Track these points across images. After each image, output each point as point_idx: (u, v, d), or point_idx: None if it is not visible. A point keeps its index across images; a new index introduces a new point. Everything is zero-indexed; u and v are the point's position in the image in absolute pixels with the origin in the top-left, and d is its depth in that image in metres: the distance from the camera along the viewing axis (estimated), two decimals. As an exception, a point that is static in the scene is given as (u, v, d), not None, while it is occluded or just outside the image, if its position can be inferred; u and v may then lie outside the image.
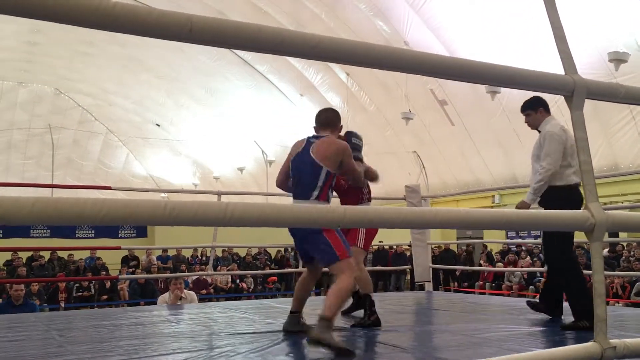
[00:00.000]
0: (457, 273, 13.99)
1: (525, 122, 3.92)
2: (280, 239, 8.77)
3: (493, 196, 16.36)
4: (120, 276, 10.59)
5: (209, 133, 20.45)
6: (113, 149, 22.70)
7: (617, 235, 10.28)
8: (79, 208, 0.95)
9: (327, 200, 3.27)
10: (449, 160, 16.18)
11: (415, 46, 12.58)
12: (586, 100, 1.51)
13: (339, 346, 2.77)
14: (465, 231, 16.49)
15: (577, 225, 1.43)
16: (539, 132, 3.85)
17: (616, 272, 9.83)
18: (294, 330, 3.42)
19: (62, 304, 11.61)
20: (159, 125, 21.18)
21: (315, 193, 3.19)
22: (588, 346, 1.41)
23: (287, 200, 3.38)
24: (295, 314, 3.49)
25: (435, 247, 13.13)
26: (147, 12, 1.09)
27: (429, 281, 6.68)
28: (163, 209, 1.05)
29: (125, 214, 1.01)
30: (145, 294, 11.88)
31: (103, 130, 21.78)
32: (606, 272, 7.29)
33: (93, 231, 18.35)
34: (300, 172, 3.28)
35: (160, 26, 1.09)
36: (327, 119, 3.49)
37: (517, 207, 3.59)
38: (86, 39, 15.53)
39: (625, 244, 12.08)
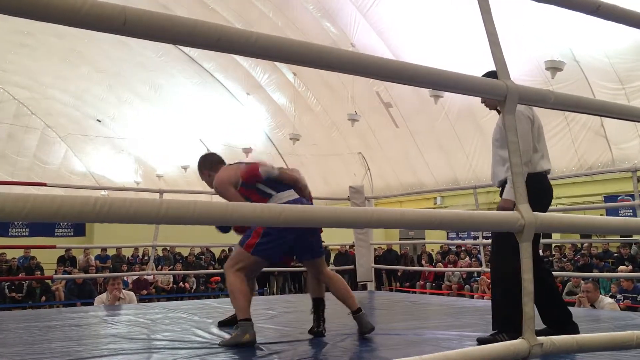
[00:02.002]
0: (399, 273, 14.23)
1: (482, 103, 3.25)
2: (224, 239, 8.68)
3: (435, 198, 16.74)
4: (55, 276, 10.20)
5: (153, 130, 20.02)
6: (51, 144, 21.86)
7: (550, 237, 10.71)
8: (-1, 203, 0.90)
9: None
10: (393, 162, 16.44)
11: (361, 48, 12.73)
12: (521, 105, 1.56)
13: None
14: (408, 232, 16.80)
15: (507, 226, 1.48)
16: (499, 112, 3.10)
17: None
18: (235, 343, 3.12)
19: (-7, 305, 11.11)
20: (99, 121, 20.56)
21: None
22: (516, 343, 1.45)
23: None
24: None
25: (378, 247, 13.31)
26: (80, 1, 1.05)
27: (371, 281, 6.77)
28: (92, 206, 1.02)
29: (51, 211, 0.97)
30: (82, 294, 11.51)
31: (40, 125, 20.94)
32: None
33: (28, 229, 17.61)
34: None
35: (92, 17, 1.06)
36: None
37: (499, 207, 3.02)
38: (23, 29, 14.90)
39: (560, 245, 12.60)
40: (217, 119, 18.66)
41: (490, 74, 2.56)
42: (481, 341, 2.97)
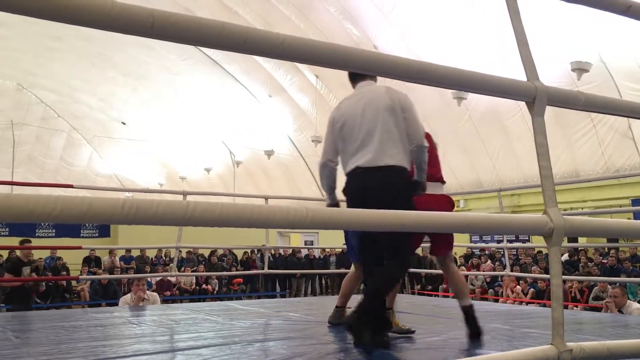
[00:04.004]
0: (422, 276, 14.14)
1: None
2: (247, 241, 8.71)
3: (458, 200, 16.58)
4: (80, 276, 10.35)
5: (176, 132, 20.21)
6: (77, 146, 22.23)
7: (576, 241, 10.53)
8: (30, 205, 0.91)
9: None
10: (416, 165, 16.33)
11: (383, 50, 12.68)
12: (549, 107, 1.54)
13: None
14: (431, 235, 16.65)
15: (536, 229, 1.45)
16: None
17: (575, 277, 10.02)
18: (338, 322, 3.74)
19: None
20: (124, 124, 20.82)
21: None
22: (545, 349, 1.43)
23: (255, 201, 3.37)
24: (341, 309, 3.80)
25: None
26: (109, 5, 1.06)
27: (394, 284, 6.72)
28: (121, 208, 1.02)
29: (80, 212, 0.97)
30: (107, 295, 11.66)
31: (67, 128, 21.31)
32: (565, 277, 7.45)
33: (54, 230, 17.89)
34: None
35: (121, 20, 1.07)
36: None
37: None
38: (53, 33, 15.16)
39: (585, 249, 12.38)
40: (239, 122, 18.75)
41: None
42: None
